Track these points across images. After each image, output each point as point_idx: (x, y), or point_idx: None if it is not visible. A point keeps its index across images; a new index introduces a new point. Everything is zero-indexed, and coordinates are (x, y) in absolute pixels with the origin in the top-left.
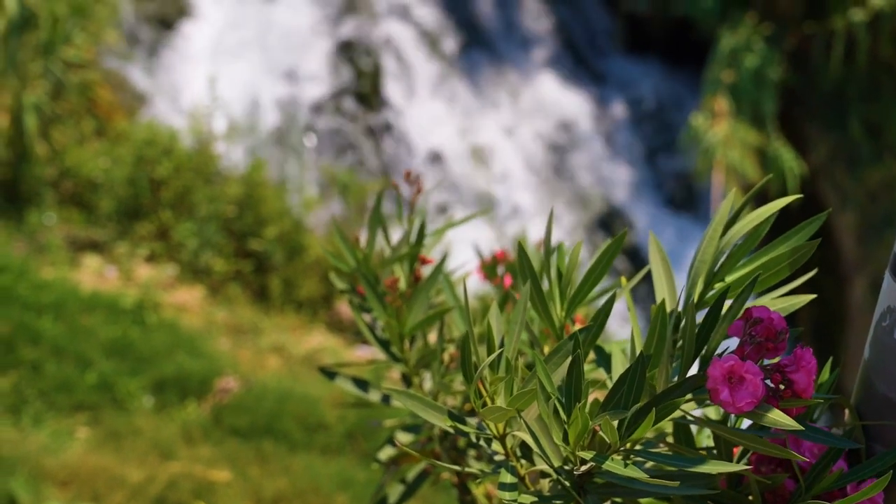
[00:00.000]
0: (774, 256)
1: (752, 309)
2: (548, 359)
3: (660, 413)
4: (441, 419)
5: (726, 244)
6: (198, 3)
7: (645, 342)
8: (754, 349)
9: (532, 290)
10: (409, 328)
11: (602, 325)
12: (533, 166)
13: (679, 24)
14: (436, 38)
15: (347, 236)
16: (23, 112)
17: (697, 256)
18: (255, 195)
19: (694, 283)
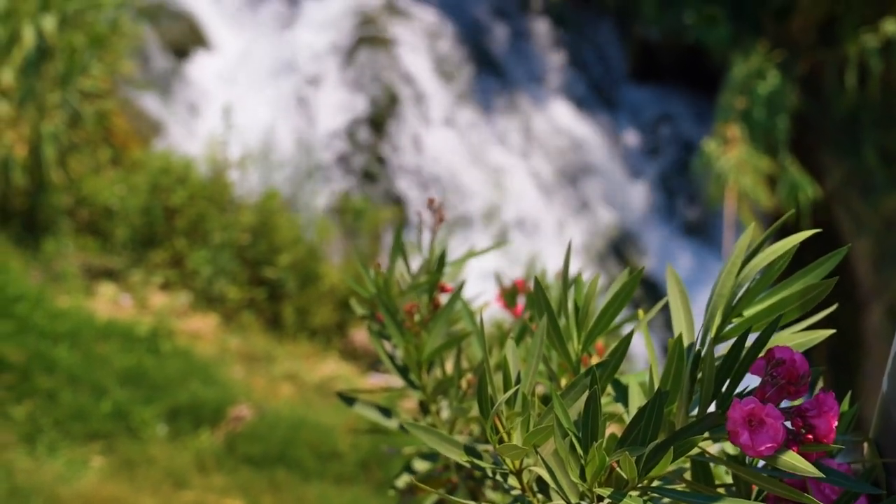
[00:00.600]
0: (793, 293)
1: (774, 349)
2: (564, 393)
3: (678, 451)
4: (457, 453)
5: (744, 278)
6: (213, 33)
7: (662, 376)
8: (776, 391)
9: (549, 326)
10: (428, 354)
11: (619, 361)
12: (546, 192)
13: (691, 52)
14: (449, 67)
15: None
16: (41, 142)
17: (715, 290)
18: (269, 223)
19: (712, 317)
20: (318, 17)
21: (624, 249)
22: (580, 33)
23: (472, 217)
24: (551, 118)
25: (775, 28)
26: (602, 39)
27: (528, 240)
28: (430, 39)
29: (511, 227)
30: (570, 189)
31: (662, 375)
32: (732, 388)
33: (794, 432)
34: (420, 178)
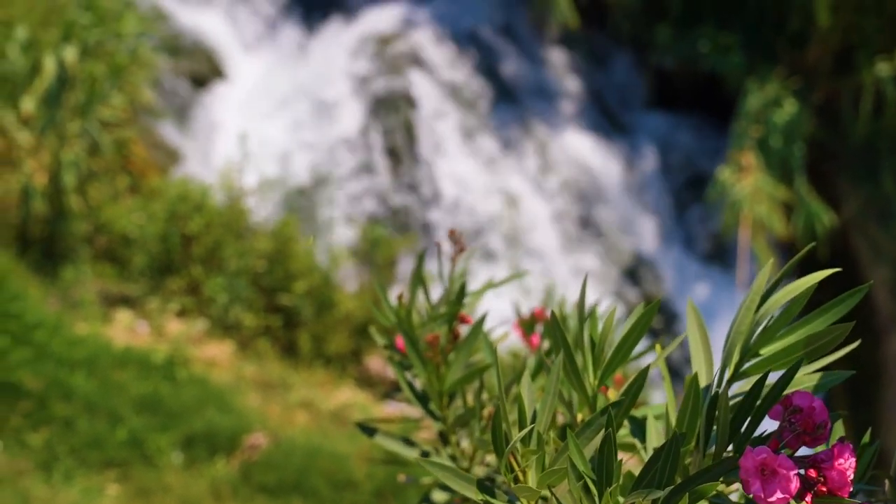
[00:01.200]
0: (811, 334)
1: (792, 395)
2: (580, 431)
3: (693, 496)
4: (472, 490)
5: (762, 316)
6: (231, 62)
7: (678, 415)
8: (793, 438)
9: (565, 362)
10: (449, 386)
11: (635, 398)
12: (562, 219)
13: (707, 79)
14: (465, 94)
15: (388, 293)
16: (60, 170)
17: (733, 327)
18: (285, 250)
19: (730, 354)
20: (334, 46)
21: (640, 276)
22: (596, 61)
23: (488, 244)
24: (567, 145)
25: (791, 56)
26: (617, 67)
27: (544, 266)
28: (447, 67)
29: (527, 253)
30: (586, 216)
31: (679, 414)
32: (750, 431)
33: (808, 482)
34: (436, 205)
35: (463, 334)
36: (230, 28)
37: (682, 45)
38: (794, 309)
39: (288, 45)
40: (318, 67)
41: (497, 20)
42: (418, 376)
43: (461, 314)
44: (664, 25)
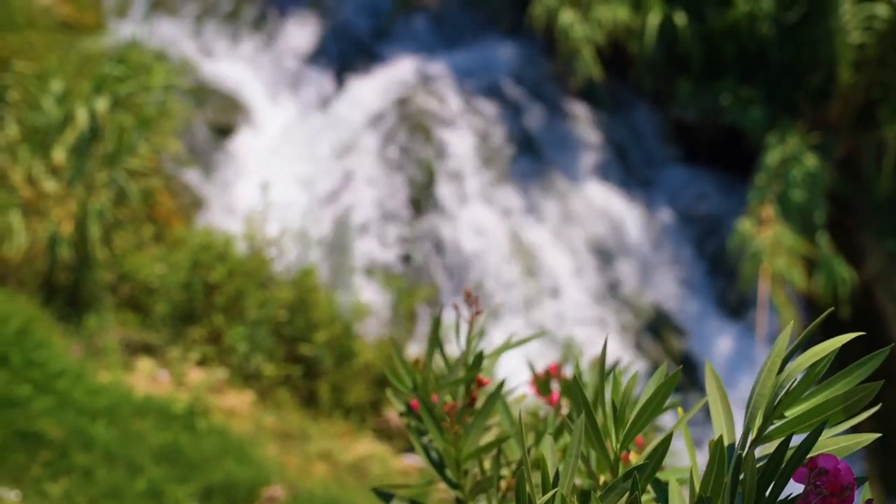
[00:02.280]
0: (836, 396)
1: (817, 458)
2: (604, 496)
3: None
4: None
5: (786, 378)
6: (255, 111)
7: (703, 479)
8: (819, 501)
9: (587, 424)
10: (466, 455)
11: (659, 463)
12: (582, 271)
13: (728, 133)
14: (487, 146)
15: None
16: (87, 219)
17: (756, 389)
18: (306, 300)
19: (753, 417)
20: (358, 96)
21: (661, 330)
22: (617, 114)
23: (506, 296)
24: (588, 197)
25: (812, 111)
26: (638, 120)
27: (563, 319)
28: (469, 119)
29: (547, 306)
30: (607, 268)
31: (703, 478)
32: (775, 494)
33: None
34: (457, 256)
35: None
36: (255, 79)
37: (704, 98)
38: (817, 371)
39: (311, 95)
40: (341, 118)
41: (519, 71)
42: (436, 443)
43: (478, 377)
44: (686, 79)
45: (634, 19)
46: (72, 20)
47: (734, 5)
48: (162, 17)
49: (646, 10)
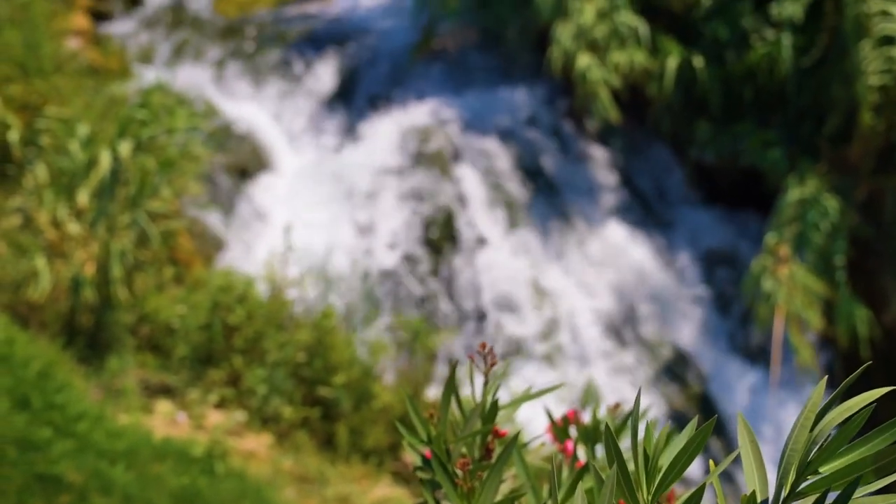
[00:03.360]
0: (870, 453)
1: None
2: None
3: None
4: None
5: (819, 434)
6: (276, 153)
7: None
8: None
9: (619, 475)
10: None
11: None
12: (600, 313)
13: (747, 174)
14: (505, 188)
15: (420, 406)
16: (109, 261)
17: (789, 444)
18: (325, 342)
19: (786, 473)
20: (377, 138)
21: (681, 373)
22: (635, 156)
23: (525, 339)
24: (607, 239)
25: (832, 153)
26: (657, 161)
27: (582, 361)
28: (486, 161)
29: (565, 348)
30: (626, 310)
31: None
32: None
33: None
34: (475, 298)
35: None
36: (276, 122)
37: (723, 140)
38: (852, 426)
39: (331, 138)
40: (360, 161)
41: (537, 114)
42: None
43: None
44: (704, 121)
45: (652, 63)
46: (98, 65)
47: (753, 48)
48: (185, 61)
49: (664, 53)
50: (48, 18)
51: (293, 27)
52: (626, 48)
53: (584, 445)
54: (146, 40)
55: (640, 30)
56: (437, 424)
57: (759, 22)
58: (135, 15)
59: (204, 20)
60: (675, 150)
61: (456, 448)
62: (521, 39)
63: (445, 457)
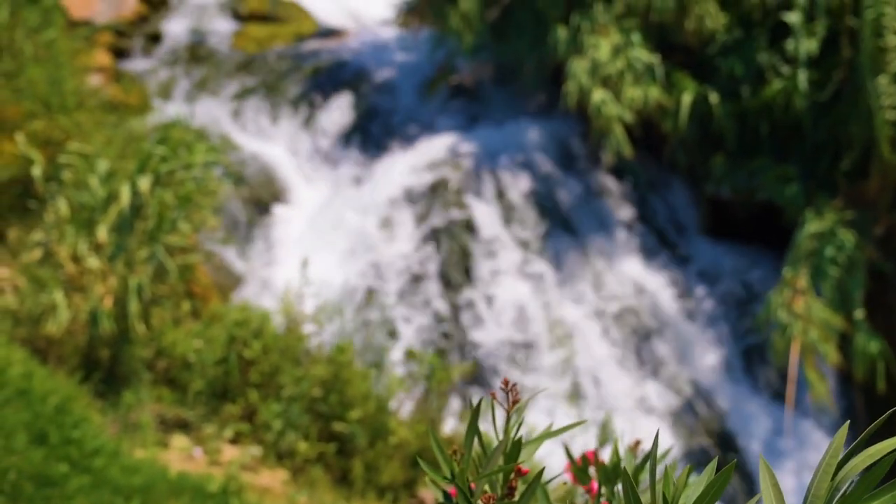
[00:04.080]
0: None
1: None
2: None
3: None
4: None
5: (841, 480)
6: (292, 188)
7: None
8: None
9: None
10: None
11: None
12: (617, 347)
13: (763, 209)
14: (520, 221)
15: (443, 446)
16: (127, 295)
17: (811, 491)
18: (341, 376)
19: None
20: (393, 173)
21: (698, 407)
22: (651, 190)
23: (541, 372)
24: (623, 273)
25: (850, 188)
26: (673, 195)
27: (599, 396)
28: (502, 194)
29: (581, 383)
30: (643, 345)
31: None
32: None
33: None
34: (492, 332)
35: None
36: (292, 157)
37: (739, 175)
38: (876, 474)
39: (347, 173)
40: (375, 194)
41: (552, 148)
42: None
43: (517, 466)
44: (720, 156)
45: (667, 98)
46: (119, 101)
47: (768, 83)
48: (204, 96)
49: (679, 89)
50: (71, 56)
51: (310, 62)
52: (641, 84)
53: (605, 485)
54: (166, 76)
55: (654, 66)
56: (461, 461)
57: (774, 57)
58: (155, 52)
59: (222, 56)
60: (691, 184)
61: (479, 485)
62: (536, 75)
63: (469, 494)
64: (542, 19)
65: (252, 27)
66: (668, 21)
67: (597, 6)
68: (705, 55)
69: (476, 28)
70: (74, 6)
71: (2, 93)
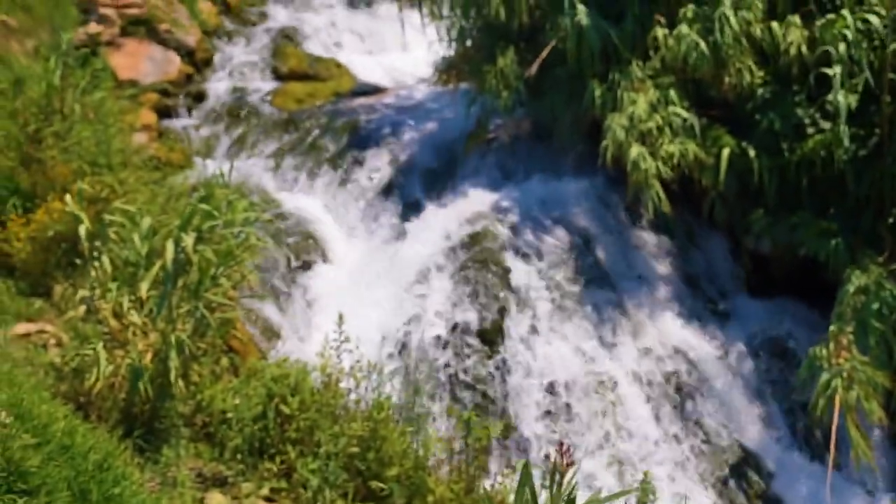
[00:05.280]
0: None
1: None
2: None
3: None
4: None
5: None
6: (331, 243)
7: None
8: None
9: None
10: None
11: None
12: (658, 405)
13: (805, 264)
14: (559, 277)
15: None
16: (168, 351)
17: None
18: (379, 434)
19: None
20: (431, 228)
21: (744, 471)
22: (689, 244)
23: (580, 430)
24: (663, 330)
25: (895, 243)
26: (712, 250)
27: (639, 456)
28: (539, 250)
29: (621, 442)
30: (684, 403)
31: None
32: None
33: None
34: (529, 390)
35: None
36: (330, 213)
37: (779, 229)
38: None
39: (385, 228)
40: (413, 251)
41: (589, 203)
42: None
43: None
44: (759, 210)
45: (705, 153)
46: (162, 158)
47: (808, 137)
48: (245, 153)
49: (717, 143)
50: (118, 115)
51: (349, 119)
52: (679, 139)
53: None
54: (208, 134)
55: (691, 121)
56: None
57: (813, 112)
58: (198, 110)
59: (263, 114)
60: (730, 238)
61: None
62: (573, 130)
63: None
64: (578, 76)
65: (292, 85)
66: (705, 77)
67: (633, 63)
68: (743, 109)
69: (513, 85)
70: (122, 67)
71: (52, 153)
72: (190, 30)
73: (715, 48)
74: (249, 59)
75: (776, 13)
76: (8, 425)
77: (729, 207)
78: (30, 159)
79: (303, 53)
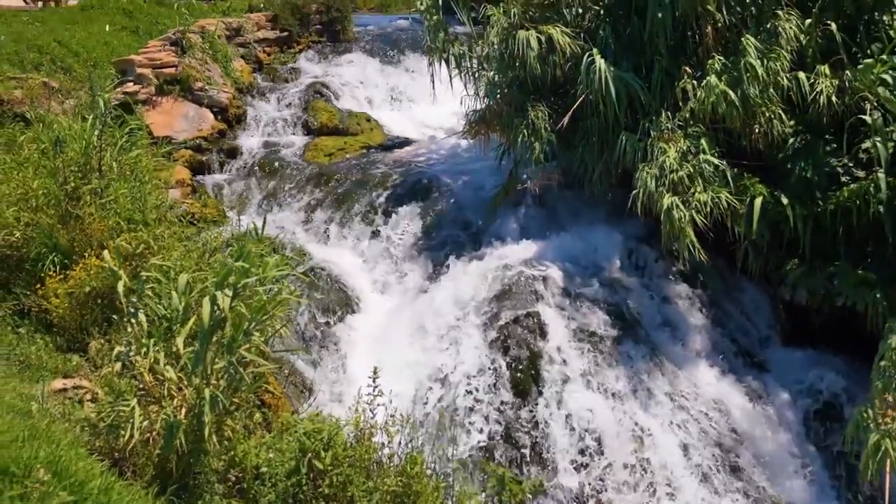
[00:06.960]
0: None
1: None
2: None
3: None
4: None
5: None
6: (362, 297)
7: None
8: None
9: None
10: None
11: None
12: (695, 459)
13: (843, 314)
14: (592, 328)
15: None
16: (202, 406)
17: None
18: (412, 489)
19: None
20: (462, 281)
21: None
22: (724, 294)
23: (619, 486)
24: (698, 382)
25: None
26: (747, 300)
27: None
28: (572, 300)
29: (662, 499)
30: (722, 457)
31: None
32: None
33: None
34: (563, 442)
35: None
36: (362, 266)
37: (815, 279)
38: None
39: (417, 281)
40: (444, 303)
41: (621, 253)
42: None
43: None
44: (794, 259)
45: (737, 202)
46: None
47: (842, 185)
48: (276, 207)
49: (749, 193)
50: (153, 172)
51: (379, 171)
52: (710, 188)
53: None
54: (240, 188)
55: (723, 168)
56: None
57: (847, 161)
58: (231, 165)
59: (294, 168)
60: (765, 288)
61: None
62: (604, 180)
63: None
64: (608, 127)
65: (323, 140)
66: (735, 126)
67: (663, 113)
68: (774, 159)
69: (544, 137)
70: (157, 125)
71: (90, 209)
72: (223, 87)
73: (744, 98)
74: (281, 115)
75: (805, 63)
76: (46, 483)
77: (763, 256)
78: (68, 216)
79: (333, 108)
